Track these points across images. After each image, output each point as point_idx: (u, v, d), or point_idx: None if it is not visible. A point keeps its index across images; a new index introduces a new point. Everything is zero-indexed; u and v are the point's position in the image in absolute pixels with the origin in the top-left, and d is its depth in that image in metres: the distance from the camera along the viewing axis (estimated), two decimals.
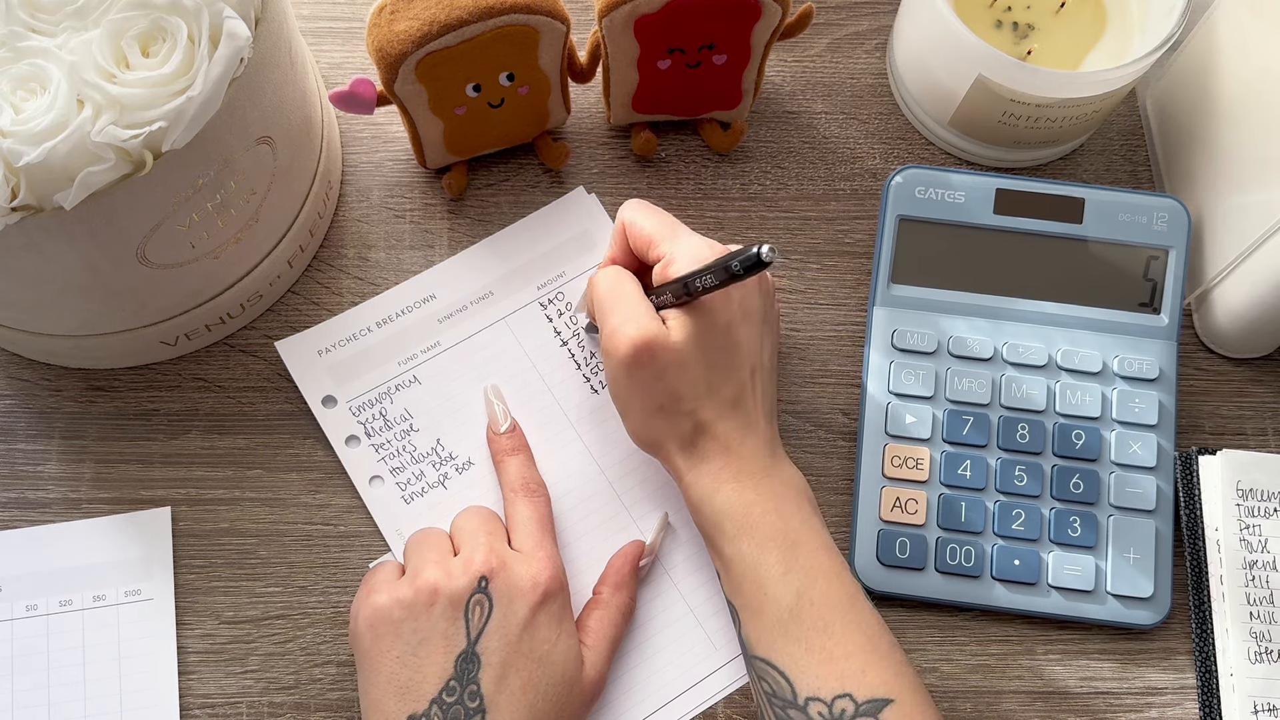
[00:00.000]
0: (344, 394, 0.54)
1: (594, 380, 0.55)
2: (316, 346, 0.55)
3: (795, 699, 0.43)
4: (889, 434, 0.53)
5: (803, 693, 0.43)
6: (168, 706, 0.49)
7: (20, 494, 0.53)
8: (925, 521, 0.52)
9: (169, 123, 0.41)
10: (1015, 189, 0.55)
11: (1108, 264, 0.55)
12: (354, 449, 0.53)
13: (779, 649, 0.44)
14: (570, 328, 0.56)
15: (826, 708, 0.43)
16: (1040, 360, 0.54)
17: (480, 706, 0.43)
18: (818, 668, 0.43)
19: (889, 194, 0.55)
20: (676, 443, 0.47)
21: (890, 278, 0.55)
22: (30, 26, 0.41)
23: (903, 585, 0.51)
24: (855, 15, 0.63)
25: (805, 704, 0.43)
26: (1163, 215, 0.55)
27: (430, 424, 0.54)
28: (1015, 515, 0.52)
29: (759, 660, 0.45)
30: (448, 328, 0.56)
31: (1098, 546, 0.52)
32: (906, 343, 0.54)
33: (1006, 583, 0.51)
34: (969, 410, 0.53)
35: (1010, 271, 0.55)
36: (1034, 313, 0.55)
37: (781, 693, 0.44)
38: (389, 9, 0.48)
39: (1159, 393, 0.53)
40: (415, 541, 0.48)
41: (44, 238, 0.42)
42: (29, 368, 0.55)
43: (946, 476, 0.53)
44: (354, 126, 0.60)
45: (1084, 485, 0.52)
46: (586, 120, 0.60)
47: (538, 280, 0.57)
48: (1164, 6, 0.54)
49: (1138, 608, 0.51)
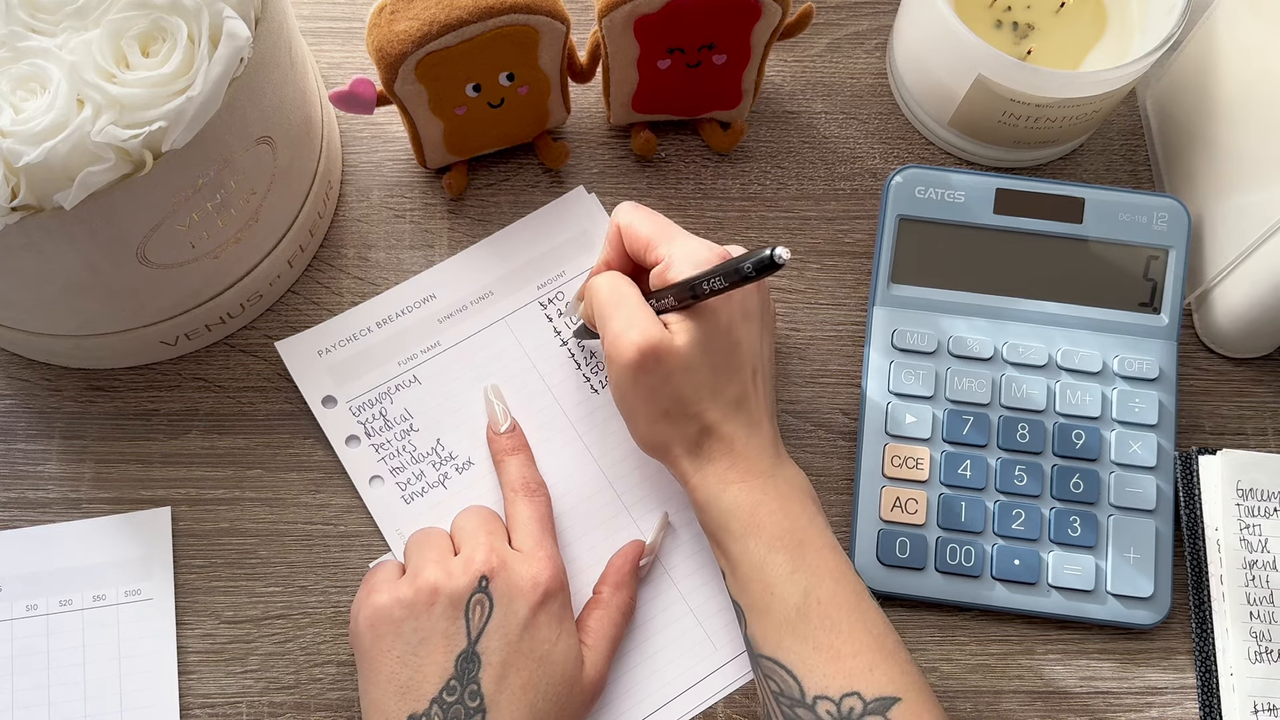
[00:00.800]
0: (344, 394, 0.54)
1: (594, 380, 0.55)
2: (316, 347, 0.55)
3: (803, 698, 0.43)
4: (889, 434, 0.53)
5: (811, 691, 0.43)
6: (168, 706, 0.49)
7: (20, 494, 0.53)
8: (925, 521, 0.52)
9: (169, 123, 0.41)
10: (1015, 189, 0.55)
11: (1108, 264, 0.55)
12: (354, 449, 0.53)
13: (786, 647, 0.44)
14: (570, 327, 0.56)
15: (835, 706, 0.43)
16: (1040, 360, 0.54)
17: (480, 706, 0.43)
18: (825, 666, 0.43)
19: (889, 194, 0.55)
20: (682, 446, 0.47)
21: (890, 277, 0.55)
22: (30, 26, 0.41)
23: (903, 585, 0.51)
24: (855, 15, 0.63)
25: (813, 702, 0.43)
26: (1163, 215, 0.55)
27: (430, 424, 0.54)
28: (1015, 515, 0.52)
29: (766, 659, 0.45)
30: (448, 328, 0.56)
31: (1098, 546, 0.52)
32: (906, 342, 0.54)
33: (1006, 582, 0.51)
34: (969, 410, 0.53)
35: (1010, 271, 0.55)
36: (1034, 312, 0.55)
37: (789, 691, 0.44)
38: (389, 9, 0.48)
39: (1159, 392, 0.53)
40: (415, 541, 0.48)
41: (44, 238, 0.42)
42: (29, 368, 0.55)
43: (946, 476, 0.53)
44: (354, 126, 0.60)
45: (1084, 485, 0.52)
46: (586, 120, 0.60)
47: (538, 280, 0.57)
48: (1164, 6, 0.54)
49: (1138, 607, 0.51)
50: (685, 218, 0.58)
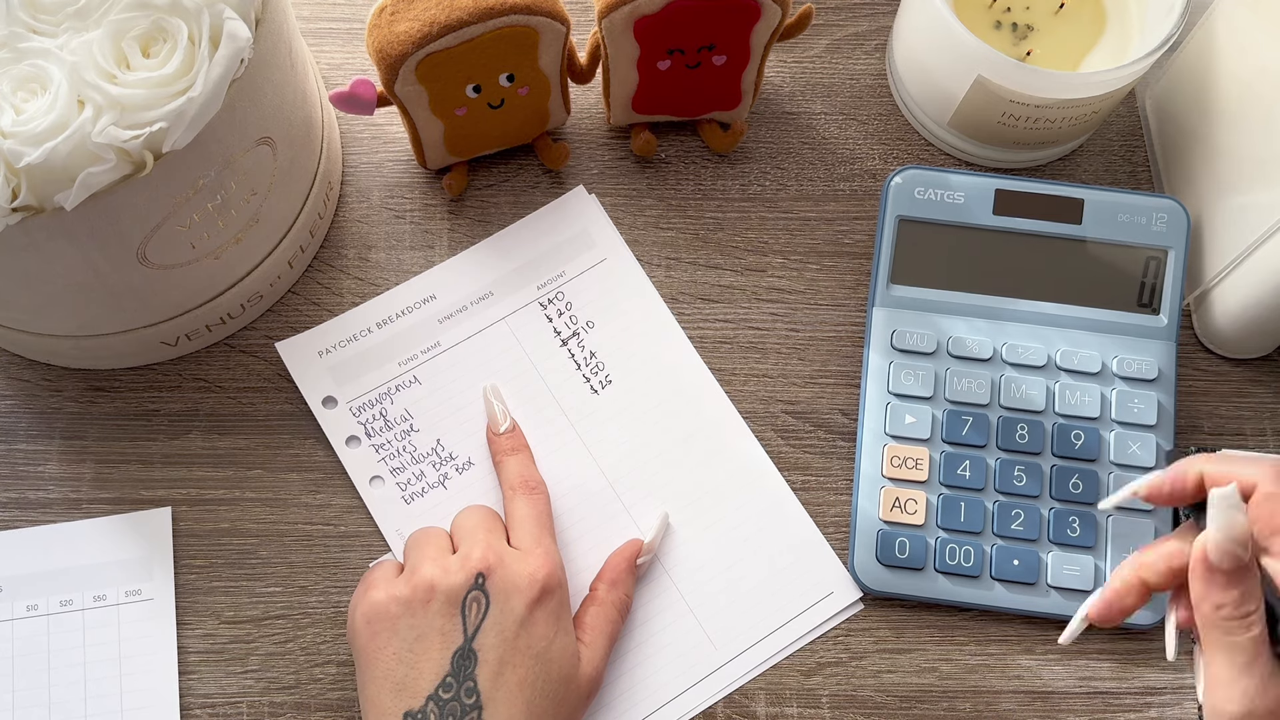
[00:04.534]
0: (344, 395, 0.54)
1: (594, 380, 0.55)
2: (317, 347, 0.55)
3: None
4: (888, 434, 0.53)
5: None
6: (168, 706, 0.49)
7: (21, 494, 0.53)
8: (925, 522, 0.52)
9: (169, 123, 0.41)
10: (1015, 189, 0.55)
11: (1107, 264, 0.55)
12: (354, 449, 0.53)
13: None
14: (570, 327, 0.56)
15: None
16: (1039, 361, 0.54)
17: (477, 703, 0.43)
18: None
19: (888, 194, 0.55)
20: None
21: (890, 278, 0.55)
22: (31, 27, 0.41)
23: (903, 586, 0.52)
24: (855, 16, 0.63)
25: None
26: (1162, 216, 0.55)
27: (430, 424, 0.54)
28: (1015, 515, 0.52)
29: None
30: (448, 328, 0.56)
31: (1097, 546, 0.52)
32: (906, 343, 0.54)
33: (1006, 583, 0.51)
34: (968, 410, 0.53)
35: (1009, 272, 0.55)
36: (1033, 313, 0.55)
37: None
38: (389, 10, 0.48)
39: (1158, 393, 0.54)
40: (414, 540, 0.48)
41: (45, 238, 0.42)
42: (30, 368, 0.55)
43: (946, 477, 0.53)
44: (354, 127, 0.60)
45: (1083, 485, 0.52)
46: (586, 120, 0.60)
47: (537, 280, 0.57)
48: (1163, 7, 0.54)
49: None
50: (685, 218, 0.58)
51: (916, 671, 0.51)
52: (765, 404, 0.55)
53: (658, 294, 0.57)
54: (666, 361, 0.56)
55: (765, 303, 0.57)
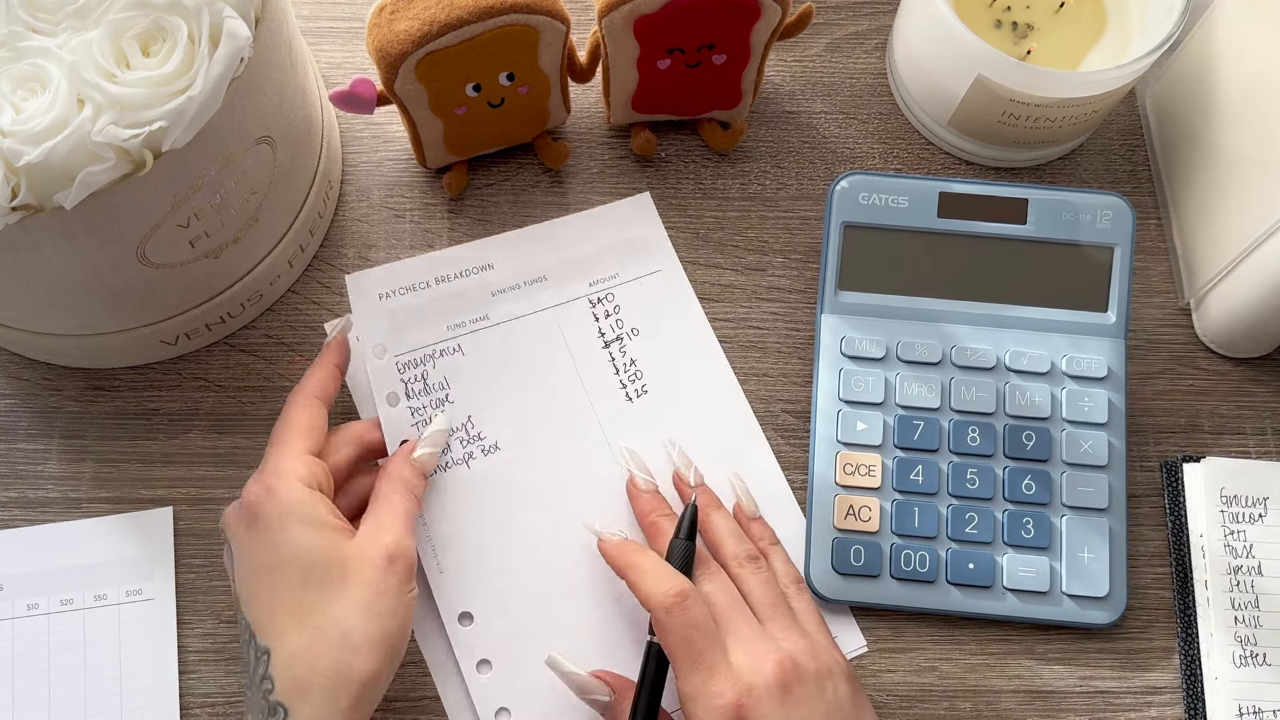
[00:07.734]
0: (394, 346, 0.54)
1: (630, 388, 0.55)
2: (380, 289, 0.54)
3: None
4: (840, 442, 0.53)
5: None
6: (168, 706, 0.49)
7: (21, 493, 0.53)
8: (879, 528, 0.52)
9: (169, 122, 0.41)
10: (958, 192, 0.54)
11: (1054, 263, 0.54)
12: (392, 408, 0.52)
13: None
14: (615, 330, 0.56)
15: None
16: (989, 362, 0.54)
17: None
18: None
19: (833, 201, 0.55)
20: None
21: (837, 284, 0.55)
22: (31, 26, 0.41)
23: (858, 593, 0.51)
24: (855, 15, 0.63)
25: None
26: (1106, 213, 0.54)
27: (465, 398, 0.53)
28: (968, 519, 0.52)
29: None
30: (499, 302, 0.55)
31: (1051, 547, 0.51)
32: (855, 349, 0.54)
33: (962, 586, 0.51)
34: (920, 415, 0.53)
35: (957, 274, 0.55)
36: (982, 315, 0.54)
37: None
38: (389, 9, 0.48)
39: (1108, 391, 0.53)
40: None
41: (44, 237, 0.42)
42: (30, 367, 0.55)
43: (899, 482, 0.52)
44: (354, 126, 0.60)
45: (1036, 486, 0.52)
46: (586, 120, 0.60)
47: (590, 276, 0.56)
48: (1163, 7, 0.54)
49: (1093, 607, 0.51)
50: (685, 218, 0.58)
51: (916, 671, 0.51)
52: (765, 404, 0.55)
53: (707, 321, 0.56)
54: (706, 389, 0.55)
55: (765, 302, 0.57)
